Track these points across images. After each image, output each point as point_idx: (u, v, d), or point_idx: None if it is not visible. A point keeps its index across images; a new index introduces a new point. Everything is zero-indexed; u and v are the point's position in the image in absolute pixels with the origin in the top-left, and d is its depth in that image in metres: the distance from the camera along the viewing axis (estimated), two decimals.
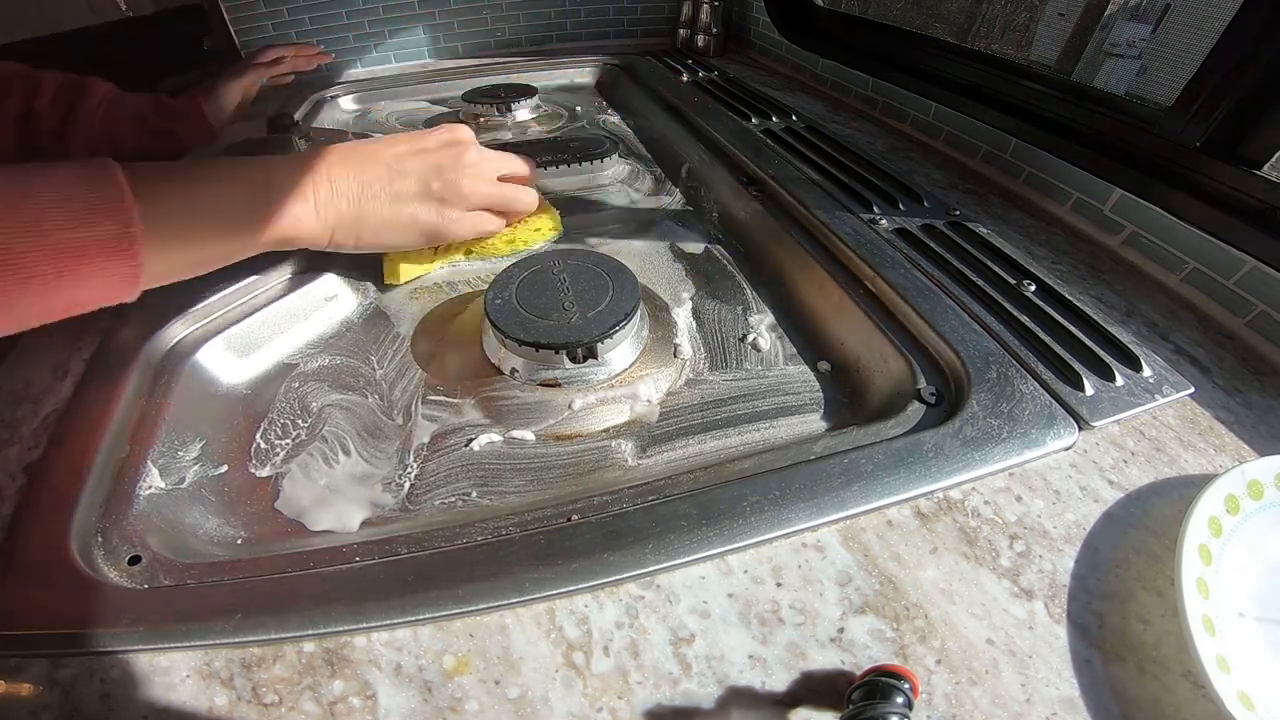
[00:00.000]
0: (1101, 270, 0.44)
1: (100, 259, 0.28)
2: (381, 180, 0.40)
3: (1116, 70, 1.53)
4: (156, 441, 0.32)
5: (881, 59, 0.70)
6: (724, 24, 0.92)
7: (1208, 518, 0.26)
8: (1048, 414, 0.31)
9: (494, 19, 0.93)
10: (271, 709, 0.22)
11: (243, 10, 0.80)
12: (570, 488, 0.32)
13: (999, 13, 1.42)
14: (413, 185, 0.40)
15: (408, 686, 0.22)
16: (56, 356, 0.37)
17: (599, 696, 0.22)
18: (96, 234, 0.27)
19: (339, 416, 0.36)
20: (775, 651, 0.23)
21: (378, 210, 0.40)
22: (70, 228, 0.27)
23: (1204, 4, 1.08)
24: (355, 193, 0.39)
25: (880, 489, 0.28)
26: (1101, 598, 0.25)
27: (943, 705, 0.22)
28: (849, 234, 0.44)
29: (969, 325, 0.36)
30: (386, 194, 0.40)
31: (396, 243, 0.42)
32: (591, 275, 0.41)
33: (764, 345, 0.41)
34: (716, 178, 0.58)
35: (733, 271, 0.48)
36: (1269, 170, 0.39)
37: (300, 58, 0.75)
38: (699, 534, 0.26)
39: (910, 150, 0.62)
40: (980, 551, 0.27)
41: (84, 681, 0.22)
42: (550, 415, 0.36)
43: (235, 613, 0.24)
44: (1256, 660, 0.23)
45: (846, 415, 0.36)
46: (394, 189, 0.40)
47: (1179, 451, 0.31)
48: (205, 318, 0.39)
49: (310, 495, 0.32)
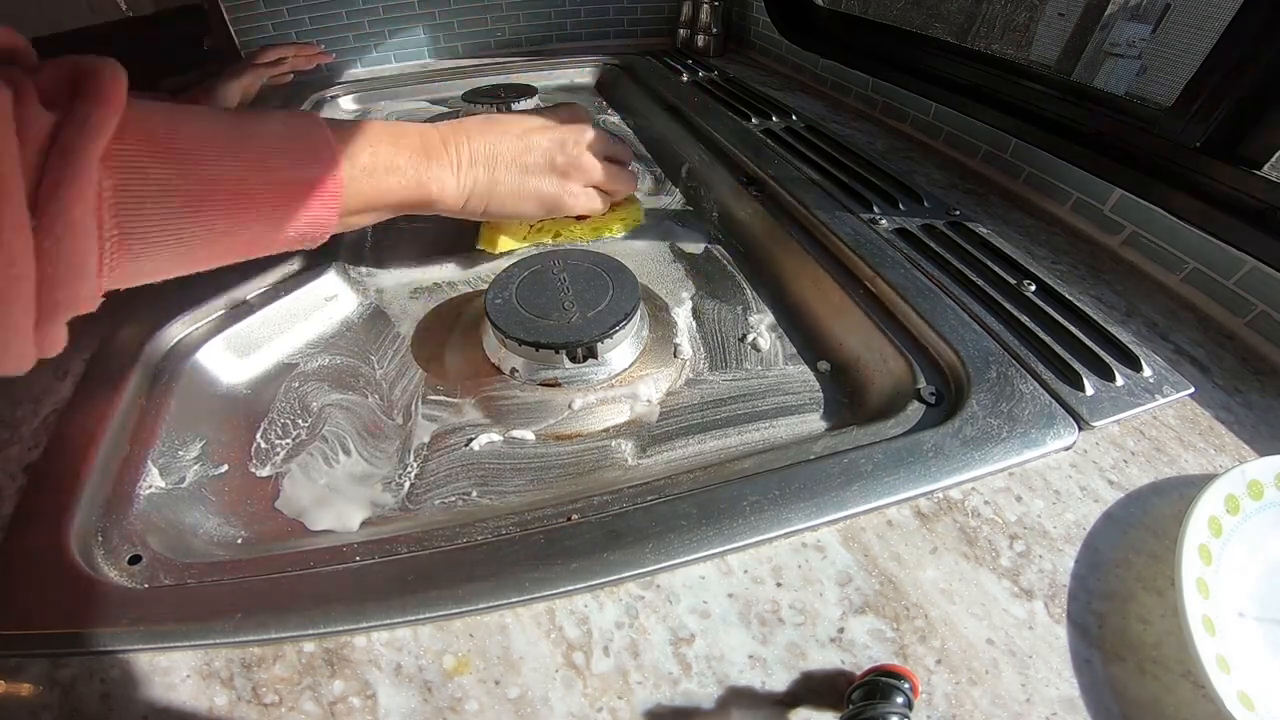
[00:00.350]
0: (1101, 270, 0.44)
1: (311, 199, 0.31)
2: (514, 151, 0.42)
3: (1116, 70, 1.53)
4: (157, 441, 0.32)
5: (881, 59, 0.70)
6: (724, 24, 0.92)
7: (1208, 518, 0.26)
8: (1047, 414, 0.31)
9: (494, 19, 0.93)
10: (271, 709, 0.22)
11: (243, 10, 0.80)
12: (570, 487, 0.32)
13: (999, 13, 1.42)
14: (541, 158, 0.43)
15: (408, 686, 0.22)
16: (57, 357, 0.37)
17: (599, 696, 0.22)
18: (310, 175, 0.31)
19: (339, 416, 0.36)
20: (775, 651, 0.23)
21: (508, 179, 0.42)
22: (290, 168, 0.31)
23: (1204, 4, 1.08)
24: (491, 161, 0.41)
25: (880, 489, 0.28)
26: (1101, 598, 0.25)
27: (943, 705, 0.22)
28: (849, 234, 0.44)
29: (969, 325, 0.36)
30: (517, 164, 0.42)
31: (520, 212, 0.44)
32: (591, 275, 0.41)
33: (764, 345, 0.41)
34: (716, 178, 0.58)
35: (733, 271, 0.48)
36: (1269, 170, 0.39)
37: (301, 57, 0.75)
38: (699, 533, 0.26)
39: (910, 150, 0.62)
40: (980, 551, 0.27)
41: (84, 681, 0.22)
42: (550, 415, 0.36)
43: (235, 612, 0.24)
44: (1256, 660, 0.23)
45: (846, 415, 0.36)
46: (525, 160, 0.42)
47: (1179, 451, 0.31)
48: (205, 318, 0.39)
49: (310, 495, 0.32)
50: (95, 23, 0.91)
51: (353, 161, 0.34)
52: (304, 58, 0.76)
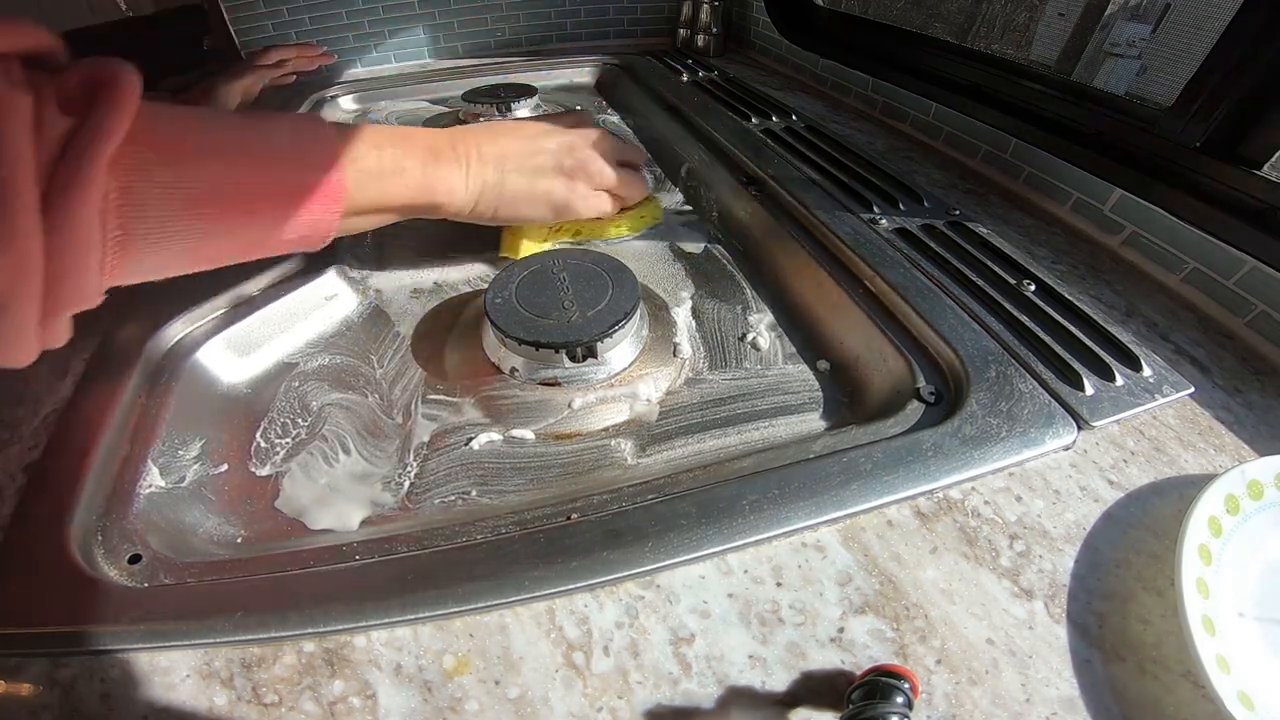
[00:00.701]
0: (1101, 270, 0.44)
1: (313, 202, 0.32)
2: (523, 154, 0.42)
3: (1116, 70, 1.53)
4: (157, 440, 0.32)
5: (881, 59, 0.70)
6: (724, 24, 0.92)
7: (1208, 518, 0.26)
8: (1047, 413, 0.31)
9: (494, 19, 0.93)
10: (271, 709, 0.22)
11: (243, 10, 0.80)
12: (570, 487, 0.32)
13: (999, 13, 1.42)
14: (549, 161, 0.43)
15: (408, 686, 0.22)
16: (56, 356, 0.37)
17: (599, 696, 0.22)
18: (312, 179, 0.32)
19: (339, 415, 0.36)
20: (775, 651, 0.23)
21: (517, 182, 0.42)
22: (294, 172, 0.31)
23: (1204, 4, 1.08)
24: (499, 165, 0.41)
25: (879, 488, 0.28)
26: (1101, 598, 0.25)
27: (943, 705, 0.22)
28: (849, 234, 0.44)
29: (968, 324, 0.36)
30: (527, 167, 0.42)
31: (528, 215, 0.44)
32: (591, 274, 0.41)
33: (763, 344, 0.41)
34: (716, 178, 0.58)
35: (732, 271, 0.48)
36: (1269, 170, 0.39)
37: (303, 58, 0.75)
38: (698, 533, 0.26)
39: (910, 150, 0.62)
40: (980, 551, 0.27)
41: (84, 681, 0.22)
42: (550, 414, 0.36)
43: (235, 612, 0.24)
44: (1256, 660, 0.23)
45: (846, 414, 0.36)
46: (533, 163, 0.42)
47: (1179, 451, 0.31)
48: (205, 317, 0.39)
49: (310, 494, 0.32)
50: (95, 23, 0.91)
51: (358, 165, 0.34)
52: (306, 59, 0.76)
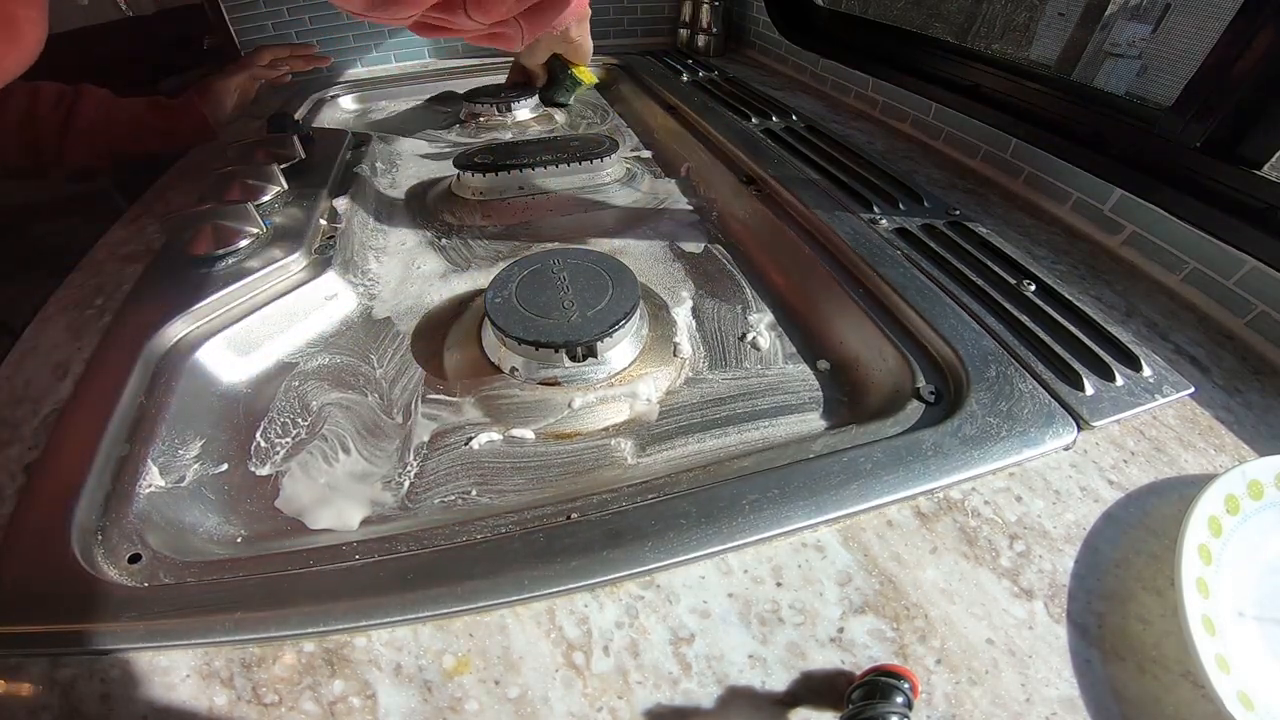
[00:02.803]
0: (1101, 270, 0.44)
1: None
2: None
3: (1116, 70, 1.53)
4: (157, 440, 0.32)
5: (881, 59, 0.70)
6: (724, 24, 0.92)
7: (1208, 518, 0.26)
8: (1047, 413, 0.31)
9: None
10: (271, 709, 0.22)
11: (243, 10, 0.80)
12: (570, 486, 0.32)
13: (999, 13, 1.42)
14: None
15: (408, 686, 0.22)
16: (56, 356, 0.37)
17: (599, 696, 0.22)
18: None
19: (339, 415, 0.36)
20: (775, 651, 0.23)
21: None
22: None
23: (1204, 4, 1.08)
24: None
25: (879, 487, 0.28)
26: (1101, 598, 0.25)
27: (943, 705, 0.22)
28: (849, 233, 0.44)
29: (968, 324, 0.36)
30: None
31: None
32: (591, 274, 0.41)
33: (763, 344, 0.41)
34: (716, 177, 0.58)
35: (732, 271, 0.48)
36: (1269, 170, 0.39)
37: (298, 59, 0.75)
38: (698, 532, 0.26)
39: (910, 150, 0.62)
40: (980, 551, 0.27)
41: (84, 681, 0.22)
42: (550, 414, 0.36)
43: (235, 611, 0.24)
44: (1256, 660, 0.23)
45: (846, 414, 0.36)
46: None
47: (1179, 451, 0.31)
48: (205, 317, 0.39)
49: (310, 494, 0.32)
50: (95, 23, 0.91)
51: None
52: (301, 59, 0.76)
